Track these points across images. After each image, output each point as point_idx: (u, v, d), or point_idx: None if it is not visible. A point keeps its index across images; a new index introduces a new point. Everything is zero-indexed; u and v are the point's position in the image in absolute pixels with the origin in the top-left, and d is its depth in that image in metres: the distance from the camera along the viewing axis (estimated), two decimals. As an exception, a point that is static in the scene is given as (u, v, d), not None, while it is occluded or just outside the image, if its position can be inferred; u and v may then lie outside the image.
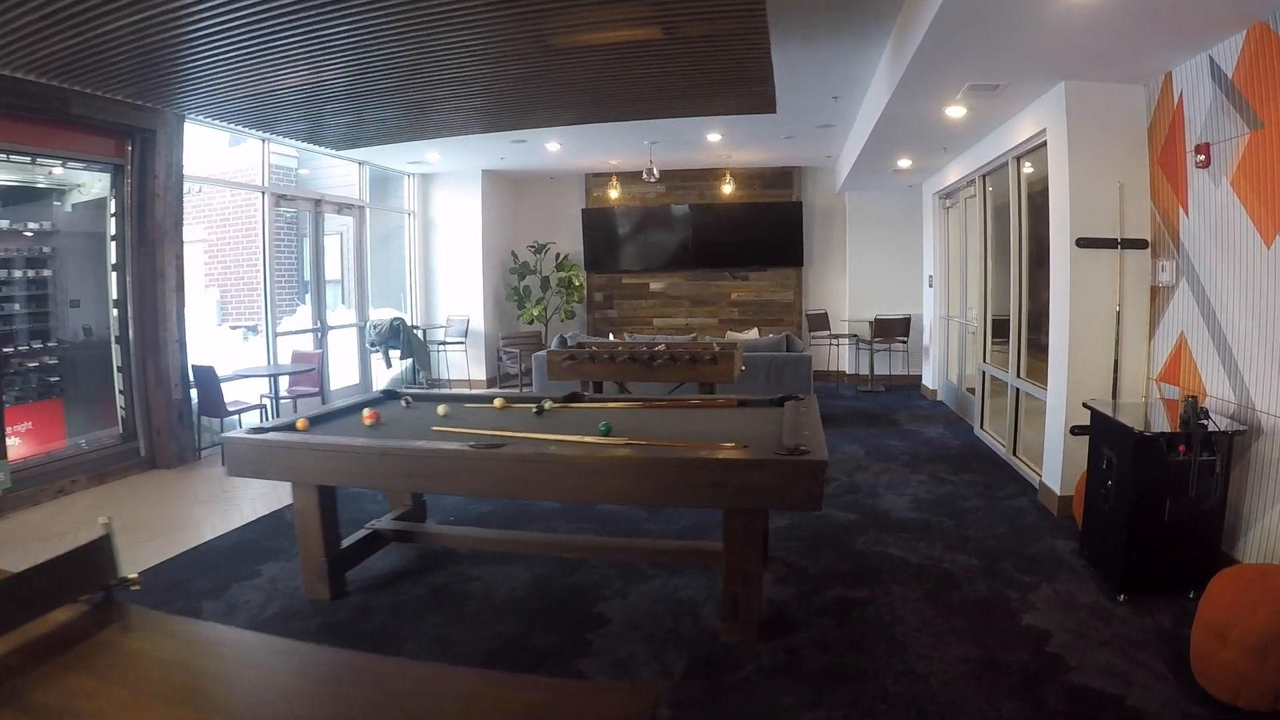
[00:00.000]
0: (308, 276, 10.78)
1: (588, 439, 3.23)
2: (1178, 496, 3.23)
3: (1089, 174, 4.29)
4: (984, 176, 6.48)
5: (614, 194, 9.65)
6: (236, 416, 6.73)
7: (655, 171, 8.33)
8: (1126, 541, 3.31)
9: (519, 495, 3.50)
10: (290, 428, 3.57)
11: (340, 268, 12.01)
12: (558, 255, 10.60)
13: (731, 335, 7.48)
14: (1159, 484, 3.24)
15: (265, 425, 3.68)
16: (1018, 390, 5.60)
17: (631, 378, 5.68)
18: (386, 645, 3.05)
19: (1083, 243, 4.30)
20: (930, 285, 8.69)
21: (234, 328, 9.45)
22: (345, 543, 3.63)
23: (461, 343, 10.01)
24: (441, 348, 10.15)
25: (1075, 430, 4.23)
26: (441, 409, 3.96)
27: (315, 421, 3.73)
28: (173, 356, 6.44)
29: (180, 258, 6.55)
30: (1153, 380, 4.30)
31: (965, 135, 6.03)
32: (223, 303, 10.01)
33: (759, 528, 3.07)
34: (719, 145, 8.55)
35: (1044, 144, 4.78)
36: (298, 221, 10.95)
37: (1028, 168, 5.49)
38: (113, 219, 6.11)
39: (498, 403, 4.11)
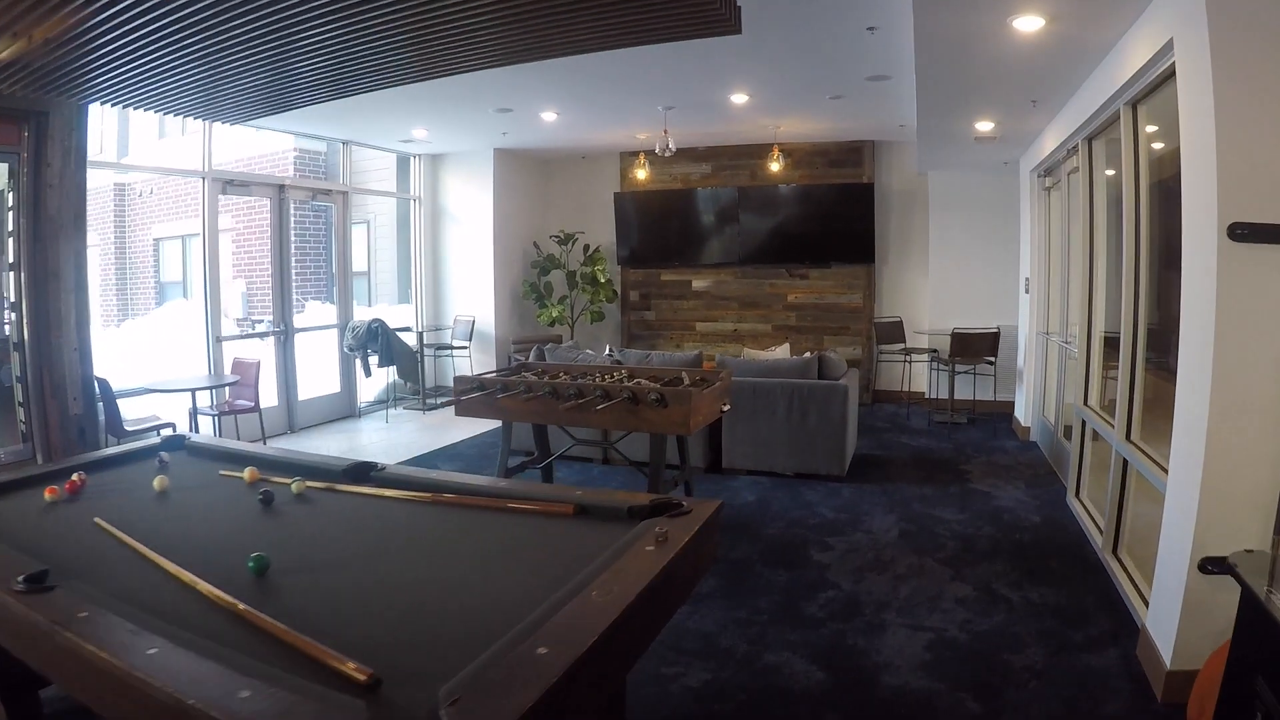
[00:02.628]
0: (327, 270, 9.91)
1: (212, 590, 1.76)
2: None
3: (1250, 113, 2.41)
4: (1089, 140, 4.51)
5: (642, 174, 8.09)
6: (156, 433, 5.78)
7: (672, 145, 6.73)
8: None
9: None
10: None
11: (366, 260, 11.12)
12: (586, 247, 9.16)
13: (750, 353, 5.83)
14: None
15: None
16: (1125, 461, 3.69)
17: (555, 421, 4.16)
18: None
19: (1240, 232, 2.43)
20: (1027, 291, 6.65)
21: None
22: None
23: (465, 346, 8.76)
24: (441, 353, 8.94)
25: (1209, 566, 2.43)
26: (159, 482, 2.65)
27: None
28: (70, 366, 5.53)
29: (81, 255, 5.66)
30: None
31: (1056, 75, 4.13)
32: (248, 295, 9.26)
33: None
34: (757, 113, 6.84)
35: (1172, 72, 2.90)
36: (326, 214, 10.11)
37: (1150, 128, 3.56)
38: (10, 213, 5.30)
39: (248, 474, 2.72)
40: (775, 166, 7.69)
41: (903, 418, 7.62)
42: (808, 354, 5.71)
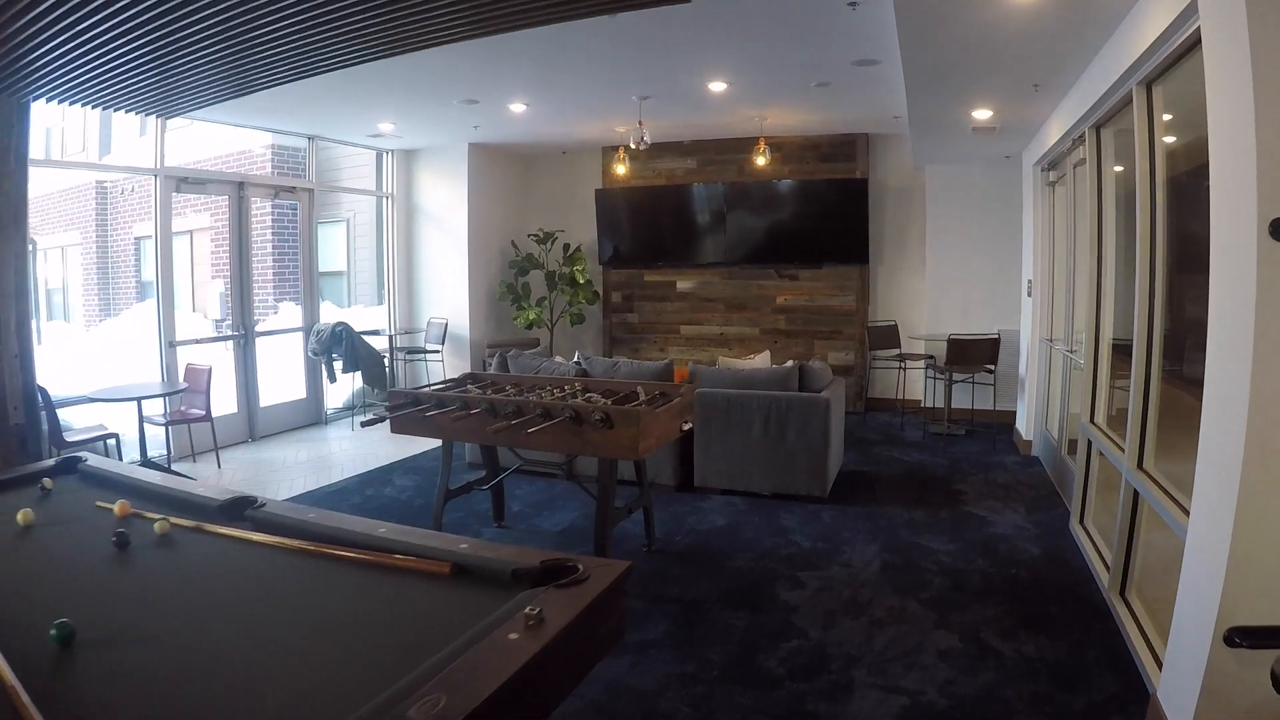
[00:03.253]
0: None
1: None
2: None
3: (1293, 85, 1.95)
4: (1096, 128, 4.04)
5: (622, 169, 7.63)
6: (104, 444, 5.43)
7: (648, 137, 6.29)
8: None
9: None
10: None
11: (345, 259, 10.71)
12: (566, 246, 8.72)
13: (726, 361, 5.36)
14: None
15: None
16: (1135, 493, 3.23)
17: (487, 441, 3.72)
18: None
19: None
20: (1029, 294, 6.18)
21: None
22: None
23: (436, 351, 8.33)
24: (413, 357, 8.51)
25: (1237, 639, 1.99)
26: (22, 516, 2.25)
27: None
28: (10, 374, 5.13)
29: (22, 258, 5.23)
30: None
31: (1059, 52, 3.67)
32: (225, 295, 8.85)
33: None
34: (739, 102, 6.38)
35: (1195, 43, 2.44)
36: (297, 211, 9.73)
37: (1165, 116, 3.10)
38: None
39: (118, 508, 2.31)
40: (761, 161, 7.23)
41: (896, 428, 7.15)
42: (789, 363, 5.25)
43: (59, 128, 9.33)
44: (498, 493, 4.51)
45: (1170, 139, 3.15)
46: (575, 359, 5.76)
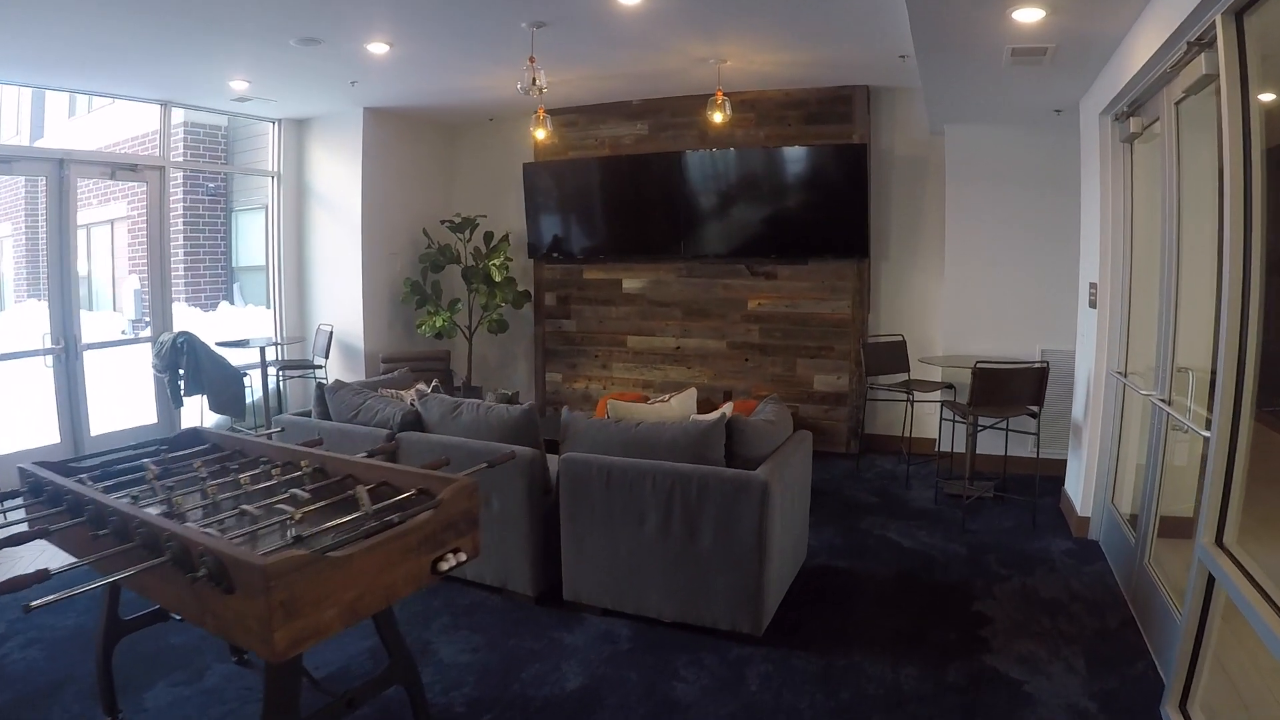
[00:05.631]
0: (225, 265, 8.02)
1: None
2: None
3: None
4: (1237, 14, 2.11)
5: (541, 134, 5.78)
6: None
7: (543, 78, 4.45)
8: None
9: None
10: None
11: (264, 252, 9.10)
12: (490, 235, 6.92)
13: (619, 407, 3.45)
14: None
15: None
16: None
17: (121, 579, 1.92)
18: None
19: None
20: (1092, 305, 4.21)
21: None
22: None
23: (319, 367, 6.59)
24: (291, 373, 6.76)
25: None
26: None
27: None
28: None
29: None
30: None
31: None
32: (141, 293, 7.31)
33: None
34: (678, 29, 4.53)
35: None
36: (225, 199, 8.21)
37: None
38: None
39: None
40: (719, 118, 5.32)
41: (899, 484, 5.24)
42: (719, 412, 3.37)
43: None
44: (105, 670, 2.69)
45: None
46: (411, 398, 3.95)
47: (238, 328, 7.41)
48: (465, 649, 3.09)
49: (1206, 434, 2.32)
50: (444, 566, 2.09)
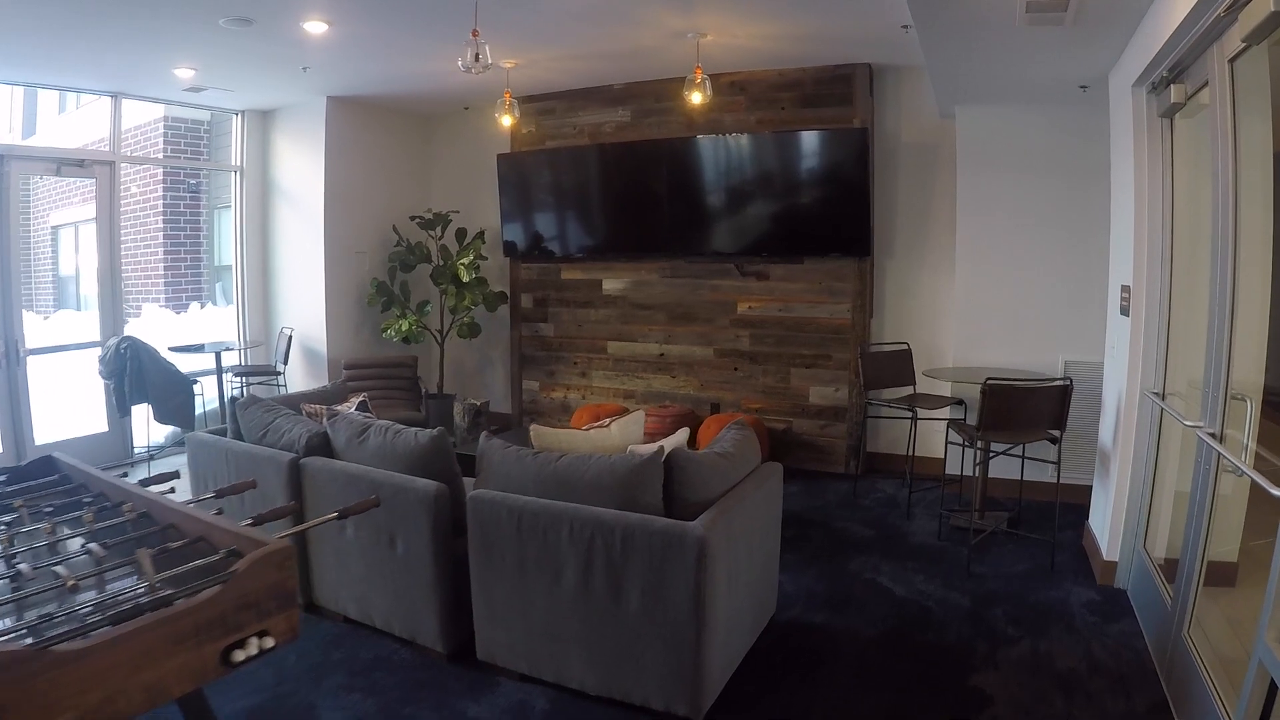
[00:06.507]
0: (209, 264, 7.53)
1: None
2: None
3: None
4: None
5: (508, 121, 5.25)
6: None
7: (488, 52, 3.90)
8: None
9: None
10: None
11: (233, 252, 8.67)
12: (463, 232, 6.41)
13: (543, 433, 2.91)
14: None
15: None
16: None
17: None
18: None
19: None
20: (1124, 312, 3.57)
21: None
22: None
23: (277, 375, 6.13)
24: (251, 380, 6.29)
25: None
26: None
27: None
28: None
29: None
30: None
31: None
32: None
33: None
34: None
35: None
36: (200, 196, 7.83)
37: None
38: None
39: None
40: (698, 98, 4.75)
41: (899, 512, 4.63)
42: (656, 445, 2.81)
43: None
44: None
45: None
46: (326, 416, 3.44)
47: (203, 331, 6.97)
48: (352, 718, 2.56)
49: (1277, 492, 1.70)
50: (239, 657, 1.56)
